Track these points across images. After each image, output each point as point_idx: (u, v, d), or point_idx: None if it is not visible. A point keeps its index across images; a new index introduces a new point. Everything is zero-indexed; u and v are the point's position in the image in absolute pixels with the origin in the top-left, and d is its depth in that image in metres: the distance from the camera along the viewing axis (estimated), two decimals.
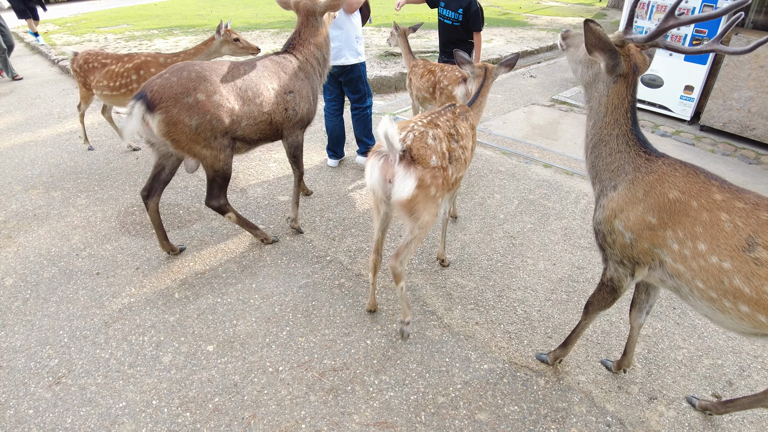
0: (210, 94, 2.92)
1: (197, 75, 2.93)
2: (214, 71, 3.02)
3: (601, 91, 2.07)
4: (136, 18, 13.38)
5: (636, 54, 2.02)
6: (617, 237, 2.07)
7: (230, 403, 2.41)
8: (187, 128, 2.88)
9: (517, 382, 2.58)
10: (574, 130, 6.10)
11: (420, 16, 12.70)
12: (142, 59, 4.33)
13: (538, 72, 8.74)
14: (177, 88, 2.84)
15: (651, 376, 2.64)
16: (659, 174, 1.94)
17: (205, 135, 2.95)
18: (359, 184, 4.55)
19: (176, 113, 2.83)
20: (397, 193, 2.31)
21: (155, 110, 2.81)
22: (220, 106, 2.96)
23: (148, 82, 2.92)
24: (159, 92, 2.82)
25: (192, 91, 2.87)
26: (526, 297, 3.17)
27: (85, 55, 4.52)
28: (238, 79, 3.11)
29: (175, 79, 2.87)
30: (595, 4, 18.43)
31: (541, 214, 4.14)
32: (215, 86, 2.96)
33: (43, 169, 4.77)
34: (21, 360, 2.65)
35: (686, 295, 1.91)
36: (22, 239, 3.66)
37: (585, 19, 1.88)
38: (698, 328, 2.98)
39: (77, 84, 4.71)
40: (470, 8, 4.96)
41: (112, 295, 3.11)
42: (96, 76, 4.43)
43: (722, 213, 1.75)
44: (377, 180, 2.37)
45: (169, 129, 2.86)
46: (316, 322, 2.91)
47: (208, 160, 3.06)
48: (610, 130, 2.08)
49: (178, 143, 2.92)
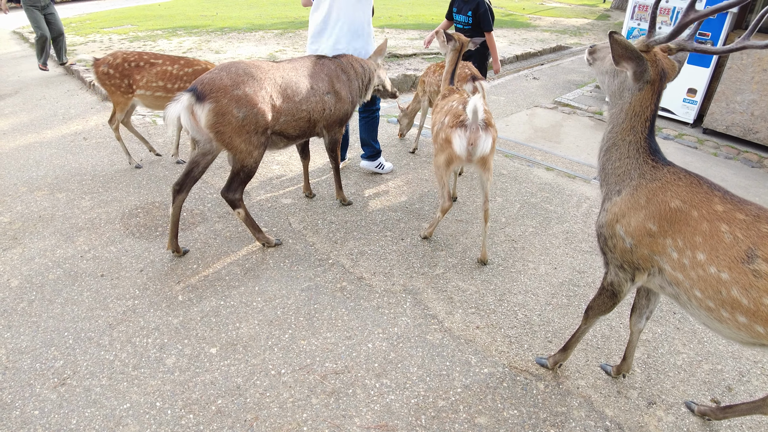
0: (257, 89, 3.12)
1: (244, 71, 3.12)
2: (259, 68, 3.22)
3: (625, 99, 2.08)
4: (140, 18, 13.43)
5: (663, 59, 2.01)
6: (618, 242, 2.08)
7: (233, 406, 2.43)
8: (234, 119, 3.04)
9: (517, 386, 2.60)
10: (577, 133, 6.11)
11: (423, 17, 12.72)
12: (203, 66, 4.39)
13: (541, 74, 8.74)
14: (227, 81, 3.03)
15: (650, 381, 2.66)
16: (663, 182, 1.96)
17: (248, 128, 3.11)
18: (362, 187, 4.57)
19: (225, 104, 3.00)
20: (480, 152, 3.13)
21: (205, 99, 2.97)
22: (265, 101, 3.16)
23: (198, 78, 3.11)
24: (209, 84, 3.00)
25: (241, 84, 3.05)
26: (527, 301, 3.19)
27: (123, 55, 4.39)
28: (281, 78, 3.31)
29: (225, 74, 3.06)
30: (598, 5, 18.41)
31: (543, 217, 4.16)
32: (261, 82, 3.16)
33: (48, 171, 4.81)
34: (26, 361, 2.68)
35: (685, 303, 1.93)
36: (27, 241, 3.69)
37: (610, 31, 1.90)
38: (698, 333, 3.00)
39: (107, 92, 4.50)
40: (479, 9, 5.03)
41: (117, 297, 3.14)
42: (145, 75, 4.33)
43: (722, 224, 1.76)
44: (464, 146, 3.12)
45: (217, 119, 3.01)
46: (318, 325, 2.94)
47: (242, 154, 3.20)
48: (624, 135, 2.09)
49: (222, 135, 3.07)
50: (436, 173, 3.42)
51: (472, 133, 3.10)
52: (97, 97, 7.09)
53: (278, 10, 14.59)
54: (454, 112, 3.22)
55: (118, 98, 4.50)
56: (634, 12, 6.69)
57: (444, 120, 3.29)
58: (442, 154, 3.29)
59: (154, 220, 3.96)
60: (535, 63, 9.64)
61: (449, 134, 3.17)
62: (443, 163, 3.30)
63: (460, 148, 3.14)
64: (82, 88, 7.57)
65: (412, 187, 4.60)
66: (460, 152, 3.15)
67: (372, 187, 4.57)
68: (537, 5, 17.97)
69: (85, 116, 6.33)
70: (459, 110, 3.21)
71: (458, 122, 3.14)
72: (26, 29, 12.54)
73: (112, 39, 10.51)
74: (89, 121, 6.16)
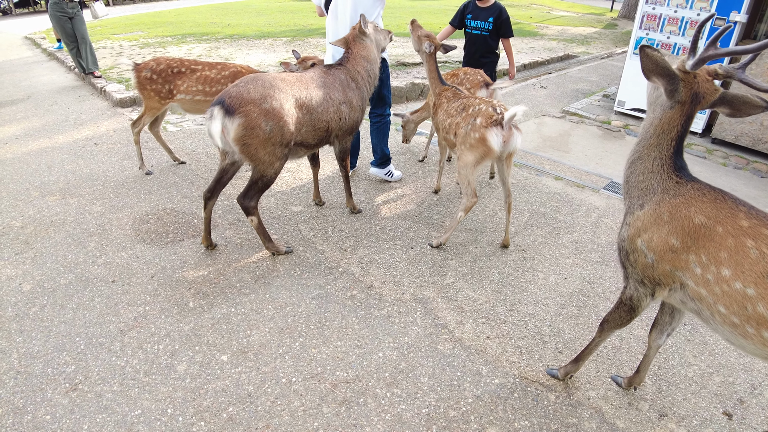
0: (283, 102, 3.18)
1: (270, 84, 3.17)
2: (282, 81, 3.28)
3: (656, 113, 2.07)
4: (150, 25, 13.56)
5: (704, 83, 1.96)
6: (639, 256, 2.07)
7: (244, 413, 2.44)
8: (261, 133, 3.10)
9: (528, 396, 2.59)
10: (585, 142, 6.11)
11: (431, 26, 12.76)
12: (237, 69, 4.49)
13: (549, 83, 8.75)
14: (255, 95, 3.07)
15: (661, 393, 2.64)
16: (686, 198, 1.94)
17: (274, 141, 3.18)
18: (371, 195, 4.58)
19: (255, 117, 3.06)
20: (512, 148, 3.45)
21: (235, 114, 3.03)
22: (290, 114, 3.23)
23: (224, 91, 3.15)
24: (237, 98, 3.05)
25: (268, 98, 3.11)
26: (537, 311, 3.19)
27: (166, 61, 4.47)
28: (303, 90, 3.37)
29: (252, 87, 3.11)
30: (606, 15, 18.44)
31: (552, 227, 4.15)
32: (286, 95, 3.22)
33: (60, 176, 4.85)
34: (38, 366, 2.69)
35: (707, 319, 1.91)
36: (39, 245, 3.72)
37: (641, 45, 1.88)
38: (709, 344, 2.98)
39: (143, 97, 4.54)
40: (501, 16, 5.10)
41: (128, 302, 3.16)
42: (186, 80, 4.42)
43: (748, 239, 1.75)
44: (500, 142, 3.36)
45: (246, 133, 3.08)
46: (329, 334, 2.94)
47: (264, 165, 3.26)
48: (650, 150, 2.08)
49: (248, 147, 3.13)
50: (461, 172, 3.56)
51: (507, 131, 3.37)
52: (107, 103, 7.15)
53: (287, 18, 14.69)
54: (486, 114, 3.42)
55: (153, 103, 4.56)
56: (642, 22, 6.70)
57: (475, 121, 3.43)
58: (474, 153, 3.45)
59: (164, 227, 3.98)
60: (542, 72, 9.66)
61: (484, 133, 3.37)
62: (473, 162, 3.47)
63: (497, 144, 3.36)
64: (93, 93, 7.64)
65: (421, 195, 4.61)
66: (497, 148, 3.36)
67: (381, 195, 4.58)
68: (544, 14, 18.02)
69: (96, 122, 6.40)
70: (490, 111, 3.42)
71: (493, 121, 3.37)
72: (38, 35, 12.69)
73: (123, 45, 10.62)
74: (100, 126, 6.22)
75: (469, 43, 5.40)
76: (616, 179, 5.12)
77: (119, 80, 7.81)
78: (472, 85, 4.57)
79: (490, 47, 5.28)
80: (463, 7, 5.36)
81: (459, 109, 3.65)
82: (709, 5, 6.03)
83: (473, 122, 3.45)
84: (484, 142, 3.38)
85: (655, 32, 6.62)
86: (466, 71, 4.75)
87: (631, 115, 7.13)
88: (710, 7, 6.02)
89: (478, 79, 4.60)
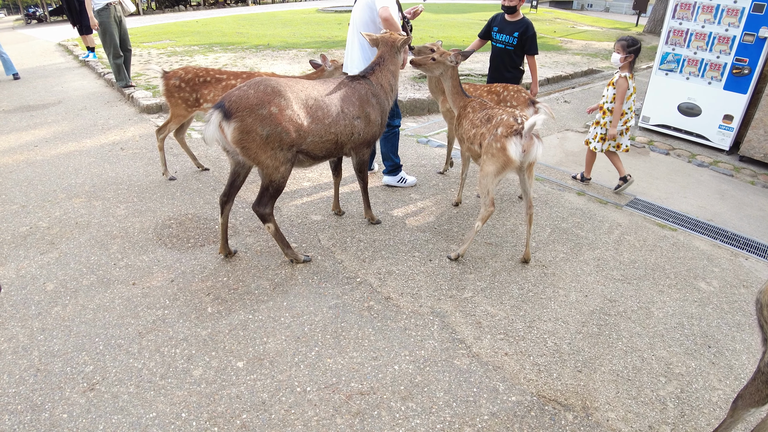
0: (283, 108, 3.16)
1: (273, 89, 3.17)
2: (289, 88, 3.27)
3: None
4: (178, 34, 13.86)
5: None
6: None
7: (258, 421, 2.43)
8: (258, 137, 3.12)
9: (545, 415, 2.53)
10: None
11: (454, 39, 12.80)
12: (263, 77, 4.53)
13: (572, 97, 8.68)
14: (253, 100, 3.09)
15: (684, 417, 2.56)
16: None
17: (272, 145, 3.18)
18: (390, 206, 4.58)
19: (250, 122, 3.08)
20: (532, 157, 3.43)
21: (231, 118, 3.06)
22: (291, 120, 3.20)
23: (227, 93, 3.18)
24: (236, 102, 3.07)
25: (266, 104, 3.11)
26: (557, 329, 3.13)
27: (194, 70, 4.55)
28: (311, 99, 3.36)
29: (252, 92, 3.12)
30: (631, 29, 18.28)
31: (574, 243, 4.09)
32: (288, 101, 3.20)
33: (86, 179, 4.95)
34: (58, 364, 2.73)
35: None
36: (64, 246, 3.79)
37: None
38: (734, 368, 2.89)
39: (170, 104, 4.61)
40: (527, 32, 5.05)
41: (147, 305, 3.19)
42: (213, 90, 4.49)
43: None
44: (519, 152, 3.35)
45: (242, 137, 3.10)
46: (345, 344, 2.92)
47: (268, 169, 3.27)
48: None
49: (248, 150, 3.16)
50: (481, 181, 3.57)
51: (527, 140, 3.35)
52: (134, 109, 7.31)
53: (311, 29, 14.89)
54: (507, 123, 3.42)
55: (180, 111, 4.62)
56: (668, 37, 6.61)
57: (497, 131, 3.44)
58: (495, 163, 3.45)
59: (186, 232, 4.03)
60: (566, 86, 9.59)
61: (504, 142, 3.38)
62: (493, 172, 3.48)
63: (516, 154, 3.36)
64: (121, 99, 7.82)
65: (440, 207, 4.59)
66: (516, 157, 3.36)
67: (400, 207, 4.57)
68: (568, 28, 17.94)
69: (123, 127, 6.53)
70: (511, 121, 3.42)
71: (513, 131, 3.37)
72: (71, 42, 13.05)
73: (151, 53, 10.85)
74: (127, 131, 6.35)
75: (494, 56, 5.38)
76: (640, 196, 5.03)
77: (146, 87, 7.98)
78: (518, 103, 4.55)
79: (514, 62, 5.24)
80: (492, 19, 5.33)
81: (484, 119, 3.65)
82: (737, 21, 5.93)
83: (495, 132, 3.45)
84: (504, 152, 3.38)
85: (681, 47, 6.53)
86: (506, 87, 4.73)
87: (656, 131, 7.01)
88: (738, 22, 5.93)
89: (523, 96, 4.60)
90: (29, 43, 14.44)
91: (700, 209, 4.90)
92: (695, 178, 5.67)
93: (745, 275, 3.84)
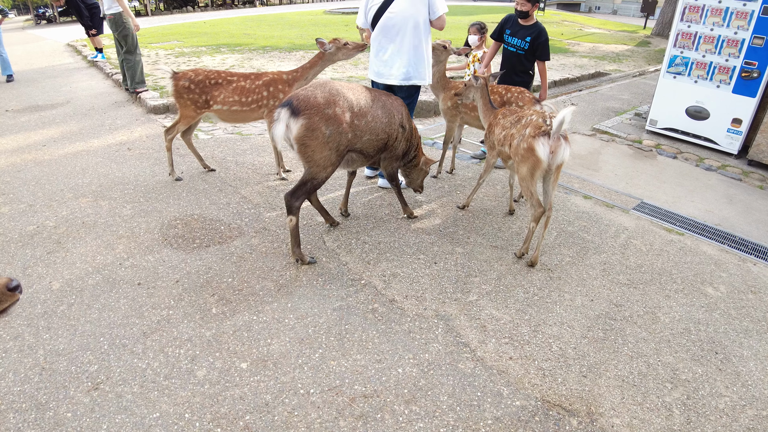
0: (345, 110, 3.39)
1: (337, 91, 3.40)
2: (350, 90, 3.51)
3: None
4: (186, 35, 13.93)
5: None
6: None
7: (261, 423, 2.43)
8: (321, 135, 3.30)
9: (549, 420, 2.51)
10: (616, 161, 6.00)
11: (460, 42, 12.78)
12: (270, 77, 4.62)
13: (580, 100, 8.65)
14: (320, 99, 3.30)
15: (690, 424, 2.53)
16: None
17: (330, 145, 3.36)
18: (396, 208, 4.57)
19: (317, 121, 3.27)
20: (560, 159, 3.39)
21: (300, 115, 3.24)
22: (351, 122, 3.43)
23: (293, 93, 3.37)
24: (304, 101, 3.27)
25: (332, 104, 3.32)
26: (562, 333, 3.11)
27: (205, 72, 4.57)
28: (366, 103, 3.58)
29: (319, 92, 3.33)
30: (638, 32, 18.20)
31: (580, 247, 4.06)
32: (351, 103, 3.44)
33: (93, 179, 4.98)
34: (63, 363, 2.74)
35: None
36: (70, 245, 3.81)
37: None
38: (742, 375, 2.86)
39: (179, 105, 4.62)
40: (539, 37, 5.02)
41: (152, 306, 3.19)
42: (223, 92, 4.53)
43: None
44: (547, 152, 3.34)
45: (306, 134, 3.28)
46: (348, 347, 2.92)
47: (317, 168, 3.43)
48: None
49: (306, 147, 3.33)
50: (521, 185, 3.62)
51: (555, 141, 3.34)
52: (142, 109, 7.35)
53: (319, 31, 14.92)
54: (535, 124, 3.44)
55: (189, 112, 4.63)
56: (677, 39, 6.57)
57: (525, 132, 3.47)
58: (526, 164, 3.48)
59: (192, 232, 4.04)
60: (573, 89, 9.56)
61: (532, 143, 3.40)
62: (528, 173, 3.49)
63: (545, 155, 3.36)
64: (128, 100, 7.86)
65: (446, 210, 4.58)
66: (544, 158, 3.36)
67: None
68: (575, 31, 17.89)
69: (130, 127, 6.57)
70: (540, 122, 3.44)
71: (541, 132, 3.38)
72: (79, 42, 13.15)
73: (159, 54, 10.91)
74: (134, 132, 6.38)
75: (505, 59, 5.35)
76: (647, 200, 5.00)
77: (154, 88, 8.01)
78: (524, 103, 4.63)
79: (524, 67, 5.21)
80: (505, 20, 5.27)
81: (514, 121, 3.72)
82: (747, 24, 5.89)
83: (523, 132, 3.48)
84: (532, 152, 3.40)
85: (690, 50, 6.49)
86: (508, 89, 4.77)
87: (664, 134, 6.97)
88: (748, 25, 5.88)
89: (527, 96, 4.66)
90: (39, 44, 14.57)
91: (708, 213, 4.87)
92: (703, 182, 5.63)
93: (753, 281, 3.80)
